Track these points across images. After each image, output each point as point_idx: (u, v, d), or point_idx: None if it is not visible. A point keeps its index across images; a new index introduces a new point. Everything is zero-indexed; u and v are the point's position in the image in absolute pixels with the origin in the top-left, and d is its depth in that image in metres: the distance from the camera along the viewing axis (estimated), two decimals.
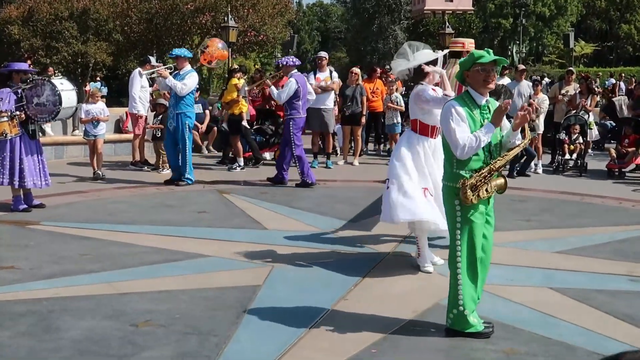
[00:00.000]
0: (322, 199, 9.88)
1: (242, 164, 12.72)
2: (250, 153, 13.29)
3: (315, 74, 13.22)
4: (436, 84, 6.64)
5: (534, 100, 13.60)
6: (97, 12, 25.48)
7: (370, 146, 15.96)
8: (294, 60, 11.53)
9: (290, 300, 5.48)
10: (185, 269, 6.33)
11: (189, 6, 24.68)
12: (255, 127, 13.69)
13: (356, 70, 14.08)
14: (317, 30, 76.33)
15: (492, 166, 4.59)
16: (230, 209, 9.14)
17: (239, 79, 12.96)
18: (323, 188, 10.80)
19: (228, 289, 5.79)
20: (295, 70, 11.18)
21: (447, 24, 22.27)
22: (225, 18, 20.95)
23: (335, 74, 13.68)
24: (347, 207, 9.26)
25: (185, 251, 6.90)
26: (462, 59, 5.17)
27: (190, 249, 6.97)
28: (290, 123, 10.81)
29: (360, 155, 14.02)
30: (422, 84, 6.48)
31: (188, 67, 11.27)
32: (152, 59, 14.62)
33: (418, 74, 6.55)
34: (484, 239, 4.77)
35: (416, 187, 6.28)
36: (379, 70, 15.94)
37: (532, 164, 12.72)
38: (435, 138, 6.45)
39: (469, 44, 8.15)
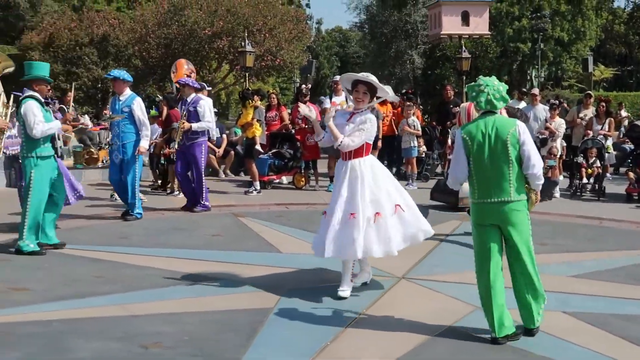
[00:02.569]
0: None
1: (258, 187, 12.72)
2: (268, 177, 13.32)
3: (331, 98, 13.26)
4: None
5: (550, 124, 13.58)
6: (117, 38, 25.86)
7: None
8: (194, 82, 11.25)
9: (301, 324, 5.44)
10: (196, 292, 6.31)
11: (206, 31, 24.90)
12: (273, 151, 13.67)
13: None
14: (336, 55, 76.62)
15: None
16: (245, 232, 9.13)
17: (254, 102, 12.99)
18: None
19: (239, 311, 5.76)
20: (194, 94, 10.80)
21: (463, 48, 22.25)
22: (243, 43, 21.10)
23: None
24: None
25: (196, 273, 6.89)
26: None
27: (202, 272, 6.96)
28: (203, 146, 10.71)
29: None
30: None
31: (128, 91, 9.99)
32: None
33: None
34: None
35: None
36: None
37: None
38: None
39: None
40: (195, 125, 10.37)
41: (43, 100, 7.88)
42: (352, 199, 6.05)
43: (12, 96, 8.13)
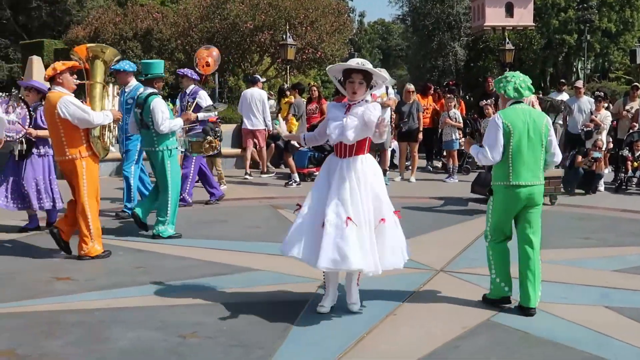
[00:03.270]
0: None
1: (297, 179, 12.78)
2: (308, 170, 13.36)
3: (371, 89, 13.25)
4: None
5: (595, 117, 13.33)
6: (160, 32, 26.07)
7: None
8: (193, 73, 10.86)
9: (337, 316, 5.44)
10: (234, 283, 6.36)
11: (248, 25, 24.98)
12: None
13: (410, 87, 14.02)
14: (379, 48, 76.39)
15: None
16: (284, 224, 9.14)
17: (288, 98, 13.14)
18: None
19: (276, 303, 5.79)
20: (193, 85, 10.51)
21: (507, 40, 22.00)
22: (284, 36, 21.15)
23: (391, 90, 13.64)
24: (400, 223, 9.16)
25: (235, 265, 6.95)
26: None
27: (240, 263, 7.02)
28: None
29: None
30: None
31: (134, 81, 9.40)
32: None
33: None
34: None
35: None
36: (432, 86, 16.01)
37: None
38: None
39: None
40: (200, 115, 9.62)
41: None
42: (353, 202, 5.25)
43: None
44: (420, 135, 13.78)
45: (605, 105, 13.84)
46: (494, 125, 5.50)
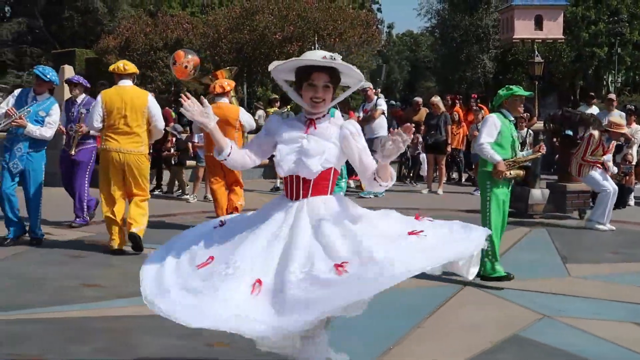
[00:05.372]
0: None
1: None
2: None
3: (363, 106, 13.58)
4: None
5: (626, 130, 13.17)
6: (190, 42, 26.32)
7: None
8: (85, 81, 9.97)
9: (363, 328, 5.41)
10: None
11: (277, 36, 25.14)
12: None
13: (434, 100, 14.03)
14: (407, 60, 76.34)
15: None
16: None
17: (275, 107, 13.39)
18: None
19: None
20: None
21: (536, 52, 21.86)
22: (312, 47, 21.23)
23: (381, 101, 13.57)
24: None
25: None
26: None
27: None
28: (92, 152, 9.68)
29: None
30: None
31: (47, 93, 8.47)
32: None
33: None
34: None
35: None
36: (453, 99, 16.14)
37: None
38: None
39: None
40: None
41: None
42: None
43: None
44: (449, 148, 13.76)
45: (634, 118, 13.70)
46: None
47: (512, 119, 6.91)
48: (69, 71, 14.56)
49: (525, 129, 13.56)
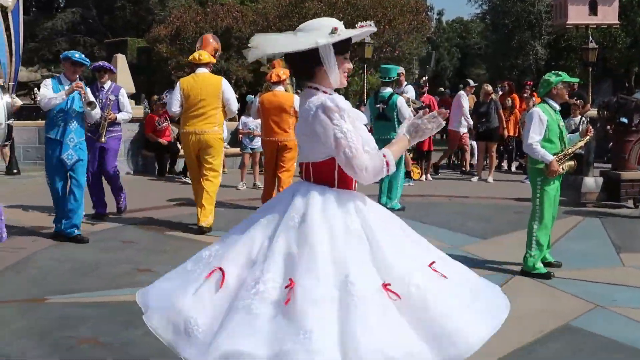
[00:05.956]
0: (454, 215, 9.73)
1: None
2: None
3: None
4: None
5: None
6: (240, 30, 26.46)
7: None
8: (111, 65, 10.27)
9: None
10: None
11: None
12: None
13: (486, 87, 13.86)
14: (457, 47, 75.47)
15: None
16: None
17: None
18: (455, 204, 10.64)
19: None
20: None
21: (590, 38, 21.38)
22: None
23: (409, 88, 13.34)
24: (478, 224, 9.09)
25: None
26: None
27: None
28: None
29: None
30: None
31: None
32: None
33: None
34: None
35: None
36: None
37: None
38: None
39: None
40: (119, 116, 9.36)
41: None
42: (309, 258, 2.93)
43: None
44: (505, 133, 13.80)
45: None
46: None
47: (558, 107, 6.65)
48: (121, 60, 14.82)
49: (579, 116, 13.33)
